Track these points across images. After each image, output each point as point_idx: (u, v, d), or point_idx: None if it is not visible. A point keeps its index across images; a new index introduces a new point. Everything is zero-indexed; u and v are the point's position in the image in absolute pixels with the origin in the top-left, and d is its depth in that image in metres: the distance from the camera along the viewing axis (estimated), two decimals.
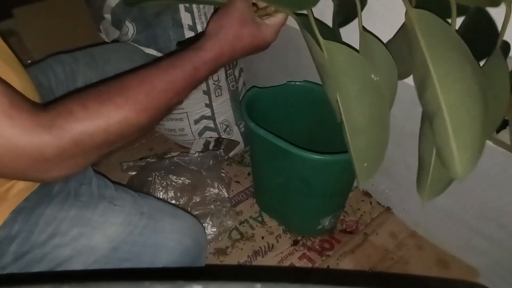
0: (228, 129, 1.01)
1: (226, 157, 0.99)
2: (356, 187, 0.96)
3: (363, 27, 0.50)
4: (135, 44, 0.88)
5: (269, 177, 0.81)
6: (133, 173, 0.93)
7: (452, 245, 0.82)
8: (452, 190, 0.75)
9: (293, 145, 0.65)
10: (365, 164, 0.48)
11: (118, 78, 0.43)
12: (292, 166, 0.71)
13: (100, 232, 0.51)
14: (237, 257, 0.83)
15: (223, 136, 1.01)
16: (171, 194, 0.85)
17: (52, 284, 0.28)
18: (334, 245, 0.85)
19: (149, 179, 0.86)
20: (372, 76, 0.45)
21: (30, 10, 1.00)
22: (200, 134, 1.00)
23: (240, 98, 1.00)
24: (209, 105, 0.96)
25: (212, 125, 0.99)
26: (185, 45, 0.64)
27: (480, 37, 0.46)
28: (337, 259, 0.82)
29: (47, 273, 0.48)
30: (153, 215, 0.55)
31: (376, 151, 0.49)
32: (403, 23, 0.54)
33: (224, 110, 0.99)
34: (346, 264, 0.81)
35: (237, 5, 0.50)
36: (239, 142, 1.03)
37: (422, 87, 0.38)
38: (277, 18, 0.53)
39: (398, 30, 0.57)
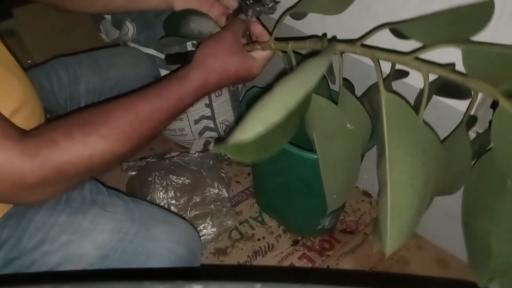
0: (228, 129, 1.01)
1: (226, 157, 0.99)
2: (356, 187, 0.96)
3: (344, 79, 0.55)
4: (135, 44, 0.88)
5: (269, 177, 0.81)
6: (133, 173, 0.93)
7: (452, 245, 0.82)
8: None
9: (293, 145, 0.65)
10: (334, 196, 0.55)
11: (103, 106, 0.44)
12: (292, 166, 0.71)
13: (89, 240, 0.50)
14: (237, 257, 0.82)
15: (223, 136, 1.01)
16: (171, 194, 0.85)
17: (52, 284, 0.28)
18: (334, 245, 0.85)
19: (149, 179, 0.86)
20: (348, 125, 0.51)
21: (30, 10, 1.00)
22: (200, 134, 1.00)
23: (240, 98, 1.00)
24: (209, 105, 0.96)
25: (212, 125, 0.99)
26: (174, 58, 0.65)
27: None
28: (337, 259, 0.82)
29: (47, 273, 0.48)
30: (145, 222, 0.54)
31: (344, 186, 0.56)
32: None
33: (224, 110, 0.98)
34: (346, 264, 0.81)
35: (225, 35, 0.51)
36: None
37: (378, 159, 0.42)
38: (264, 52, 0.54)
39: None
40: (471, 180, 0.47)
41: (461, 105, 0.64)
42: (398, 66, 0.54)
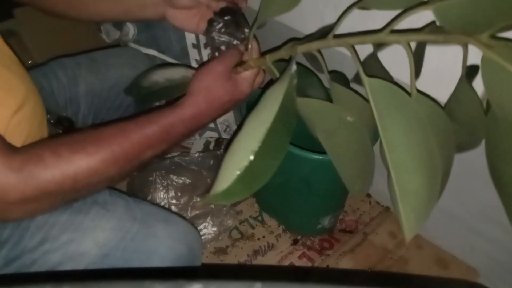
0: (228, 129, 1.01)
1: None
2: None
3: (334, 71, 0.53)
4: (136, 45, 0.88)
5: None
6: (134, 172, 0.93)
7: (451, 245, 0.82)
8: (452, 190, 0.75)
9: (293, 145, 0.65)
10: (357, 188, 0.54)
11: (94, 128, 0.44)
12: (292, 166, 0.71)
13: (90, 238, 0.51)
14: (237, 256, 0.83)
15: (223, 136, 1.01)
16: (171, 193, 0.86)
17: (53, 284, 0.29)
18: (334, 244, 0.85)
19: (150, 179, 0.86)
20: (348, 118, 0.49)
21: (30, 10, 1.00)
22: (201, 134, 1.00)
23: None
24: None
25: (212, 125, 0.99)
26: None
27: None
28: (337, 259, 0.82)
29: (47, 273, 0.48)
30: (146, 221, 0.54)
31: (365, 174, 0.54)
32: None
33: None
34: (346, 263, 0.82)
35: (217, 68, 0.51)
36: None
37: (380, 145, 0.41)
38: (252, 71, 0.54)
39: None
40: (489, 128, 0.44)
41: None
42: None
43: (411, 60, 0.42)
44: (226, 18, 0.57)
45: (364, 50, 0.55)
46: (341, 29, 0.48)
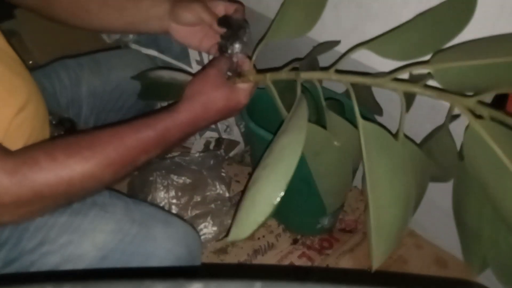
0: (228, 129, 1.01)
1: (226, 157, 1.00)
2: (355, 186, 0.96)
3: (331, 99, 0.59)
4: (136, 45, 0.89)
5: None
6: (135, 172, 0.93)
7: (451, 244, 0.82)
8: (451, 189, 0.75)
9: None
10: (331, 200, 0.62)
11: (90, 131, 0.44)
12: None
13: (89, 240, 0.51)
14: (237, 255, 0.83)
15: (223, 136, 1.01)
16: (172, 193, 0.86)
17: (53, 283, 0.29)
18: (333, 244, 0.86)
19: (151, 178, 0.87)
20: (335, 143, 0.54)
21: None
22: (201, 134, 1.00)
23: None
24: None
25: (212, 125, 0.99)
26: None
27: None
28: (336, 258, 0.83)
29: (47, 273, 0.49)
30: (145, 223, 0.54)
31: (337, 192, 0.62)
32: None
33: None
34: (345, 262, 0.82)
35: (209, 71, 0.52)
36: (239, 142, 1.03)
37: (363, 180, 0.44)
38: (250, 83, 0.55)
39: None
40: (459, 175, 0.49)
41: None
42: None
43: (403, 108, 0.45)
44: (234, 38, 0.58)
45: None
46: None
